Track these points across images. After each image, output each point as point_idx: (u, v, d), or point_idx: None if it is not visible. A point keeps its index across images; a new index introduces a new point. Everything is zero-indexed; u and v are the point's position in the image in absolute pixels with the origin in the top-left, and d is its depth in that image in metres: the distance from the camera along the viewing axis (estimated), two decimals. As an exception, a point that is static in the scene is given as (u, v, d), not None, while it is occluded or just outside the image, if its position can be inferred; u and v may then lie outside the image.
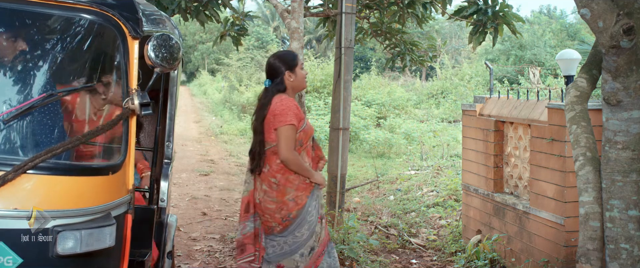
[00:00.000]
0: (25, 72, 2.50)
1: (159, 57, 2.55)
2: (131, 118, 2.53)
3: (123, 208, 2.50)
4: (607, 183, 3.04)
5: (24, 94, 2.45)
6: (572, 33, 27.56)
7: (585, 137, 3.31)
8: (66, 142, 2.31)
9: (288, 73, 3.64)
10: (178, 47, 2.61)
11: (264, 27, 32.23)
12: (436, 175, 9.83)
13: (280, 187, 3.59)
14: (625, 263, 2.97)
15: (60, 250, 2.23)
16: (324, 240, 3.79)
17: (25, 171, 2.21)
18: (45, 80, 2.51)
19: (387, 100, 19.15)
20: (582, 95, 3.51)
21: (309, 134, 3.68)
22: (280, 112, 3.53)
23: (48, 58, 2.53)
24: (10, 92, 2.45)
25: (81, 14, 2.53)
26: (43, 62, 2.52)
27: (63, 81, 2.56)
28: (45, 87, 2.48)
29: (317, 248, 3.73)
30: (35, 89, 2.47)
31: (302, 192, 3.63)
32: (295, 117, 3.54)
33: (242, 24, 7.81)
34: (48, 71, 2.52)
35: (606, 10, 2.78)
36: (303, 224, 3.64)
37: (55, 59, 2.56)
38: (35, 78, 2.50)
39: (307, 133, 3.66)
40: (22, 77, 2.49)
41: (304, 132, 3.62)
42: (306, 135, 3.65)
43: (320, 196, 3.78)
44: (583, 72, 3.61)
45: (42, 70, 2.52)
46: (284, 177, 3.58)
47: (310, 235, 3.67)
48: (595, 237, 3.07)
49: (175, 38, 2.63)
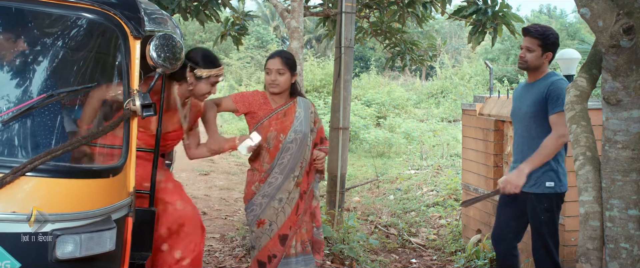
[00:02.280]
0: (24, 72, 2.45)
1: (161, 58, 2.50)
2: (132, 119, 2.47)
3: (124, 211, 2.46)
4: (607, 183, 3.04)
5: (23, 94, 2.41)
6: (572, 32, 27.57)
7: (585, 136, 3.30)
8: (66, 143, 2.26)
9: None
10: (180, 47, 2.57)
11: (264, 26, 32.20)
12: (436, 175, 9.84)
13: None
14: (625, 263, 2.96)
15: (59, 255, 2.18)
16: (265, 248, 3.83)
17: (24, 173, 2.16)
18: (44, 80, 2.46)
19: (387, 100, 19.15)
20: (582, 94, 3.50)
21: (263, 134, 3.75)
22: (238, 93, 3.89)
23: (48, 58, 2.48)
24: (10, 92, 2.40)
25: (82, 13, 2.48)
26: (43, 62, 2.47)
27: (63, 81, 2.50)
28: (44, 87, 2.42)
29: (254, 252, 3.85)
30: (34, 89, 2.42)
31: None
32: (241, 99, 3.83)
33: (242, 24, 7.81)
34: (48, 71, 2.47)
35: (606, 9, 2.77)
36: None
37: (55, 59, 2.50)
38: (34, 78, 2.45)
39: (261, 132, 3.75)
40: (22, 77, 2.45)
41: (258, 131, 3.76)
42: (261, 134, 3.73)
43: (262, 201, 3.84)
44: (583, 71, 3.60)
45: (42, 70, 2.47)
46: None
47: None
48: (595, 237, 3.06)
49: (177, 38, 2.60)
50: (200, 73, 3.35)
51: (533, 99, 3.82)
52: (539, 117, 3.78)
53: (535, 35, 3.80)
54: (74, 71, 2.54)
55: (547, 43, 3.81)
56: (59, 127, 2.42)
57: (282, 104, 3.82)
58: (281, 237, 3.83)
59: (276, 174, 3.78)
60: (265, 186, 3.79)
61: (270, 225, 3.80)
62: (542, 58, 3.83)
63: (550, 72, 3.89)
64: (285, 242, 3.84)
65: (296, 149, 3.79)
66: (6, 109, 2.34)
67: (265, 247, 3.81)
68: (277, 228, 3.81)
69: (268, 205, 3.79)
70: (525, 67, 3.87)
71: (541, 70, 3.87)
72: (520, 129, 3.94)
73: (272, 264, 3.82)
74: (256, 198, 3.81)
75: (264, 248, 3.81)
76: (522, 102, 3.93)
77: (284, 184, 3.79)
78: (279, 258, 3.84)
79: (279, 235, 3.82)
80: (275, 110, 3.78)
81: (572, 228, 4.63)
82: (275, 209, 3.80)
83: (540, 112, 3.77)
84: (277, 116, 3.78)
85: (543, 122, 3.76)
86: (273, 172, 3.78)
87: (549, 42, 3.81)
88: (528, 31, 3.84)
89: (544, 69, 3.88)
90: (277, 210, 3.80)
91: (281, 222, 3.82)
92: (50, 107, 2.39)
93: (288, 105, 3.83)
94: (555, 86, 3.74)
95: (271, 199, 3.80)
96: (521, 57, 3.88)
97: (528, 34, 3.83)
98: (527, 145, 3.86)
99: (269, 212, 3.80)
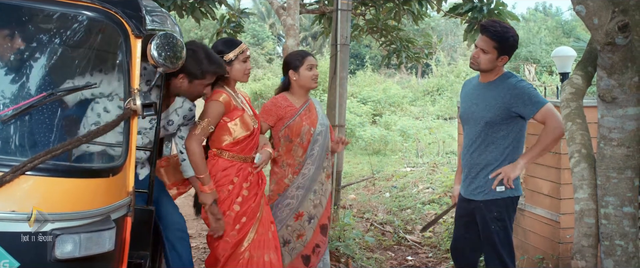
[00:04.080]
0: (24, 70, 2.43)
1: (163, 57, 2.49)
2: (132, 119, 2.45)
3: (123, 211, 2.44)
4: (602, 180, 3.05)
5: (22, 92, 2.38)
6: (567, 30, 27.64)
7: (581, 134, 3.31)
8: (66, 142, 2.23)
9: (292, 72, 3.95)
10: (181, 46, 2.55)
11: (259, 24, 32.13)
12: (432, 172, 9.86)
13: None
14: (619, 260, 2.98)
15: (58, 254, 2.16)
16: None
17: (23, 172, 2.14)
18: (44, 78, 2.43)
19: (382, 97, 19.16)
20: (578, 92, 3.51)
21: (295, 131, 3.88)
22: (262, 110, 3.96)
23: (48, 56, 2.44)
24: (9, 90, 2.38)
25: (83, 11, 2.45)
26: (43, 60, 2.43)
27: (63, 80, 2.48)
28: (44, 85, 2.40)
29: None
30: (34, 88, 2.40)
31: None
32: (268, 114, 3.91)
33: (238, 21, 7.80)
34: (48, 70, 2.45)
35: (601, 7, 2.78)
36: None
37: (55, 57, 2.47)
38: (34, 76, 2.43)
39: (293, 129, 3.88)
40: (21, 76, 2.42)
41: (288, 128, 3.88)
42: (292, 131, 3.88)
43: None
44: (578, 69, 3.62)
45: (42, 69, 2.44)
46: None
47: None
48: (590, 234, 3.08)
49: (178, 37, 2.58)
50: (229, 56, 3.58)
51: (492, 103, 3.51)
52: (496, 123, 3.49)
53: (492, 35, 3.45)
54: (74, 70, 2.52)
55: (504, 46, 3.47)
56: (58, 126, 2.39)
57: (305, 102, 4.01)
58: (322, 227, 4.05)
59: (309, 165, 3.95)
60: (299, 177, 3.93)
61: (312, 219, 3.97)
62: (497, 61, 3.51)
63: (506, 73, 3.58)
64: (326, 232, 4.07)
65: (322, 140, 3.99)
66: (6, 107, 2.32)
67: (311, 240, 3.98)
68: (318, 220, 4.01)
69: (304, 197, 3.94)
70: (477, 69, 3.56)
71: (495, 72, 3.57)
72: (472, 134, 3.60)
73: (317, 254, 4.01)
74: (290, 190, 3.93)
75: (310, 242, 3.98)
76: (476, 104, 3.60)
77: (316, 175, 3.97)
78: (323, 249, 4.05)
79: (320, 226, 4.03)
80: (301, 108, 3.97)
81: (567, 226, 4.65)
82: (312, 201, 3.97)
83: (499, 117, 3.48)
84: (305, 112, 3.97)
85: (501, 127, 3.50)
86: (306, 164, 3.94)
87: (507, 45, 3.47)
88: (485, 29, 3.47)
89: (498, 70, 3.57)
90: (314, 203, 3.97)
91: (320, 213, 4.02)
92: (50, 106, 2.37)
93: (308, 102, 4.03)
94: (518, 89, 3.46)
95: (307, 191, 3.95)
96: (474, 57, 3.53)
97: (484, 32, 3.47)
98: (479, 152, 3.57)
99: (307, 204, 3.96)
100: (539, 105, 3.46)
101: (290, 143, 3.90)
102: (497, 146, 3.53)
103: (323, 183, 4.01)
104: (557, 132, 3.47)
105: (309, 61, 3.93)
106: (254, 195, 3.64)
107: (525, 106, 3.46)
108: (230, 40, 3.63)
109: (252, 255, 3.60)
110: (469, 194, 3.64)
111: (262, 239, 3.64)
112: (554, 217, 4.78)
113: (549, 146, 3.49)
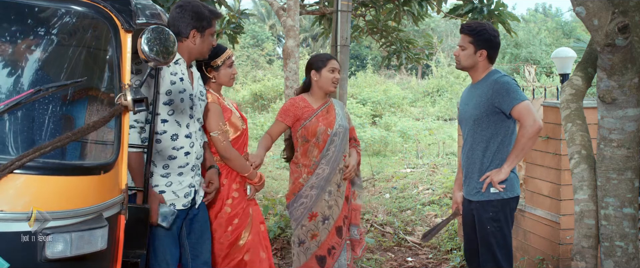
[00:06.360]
0: (11, 66, 2.38)
1: (154, 51, 2.43)
2: (124, 115, 2.40)
3: (116, 209, 2.40)
4: (602, 181, 3.04)
5: (9, 89, 2.33)
6: (567, 31, 27.65)
7: (581, 135, 3.30)
8: (55, 139, 2.17)
9: (314, 72, 4.02)
10: (173, 40, 2.49)
11: (259, 25, 32.14)
12: (432, 173, 9.85)
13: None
14: (619, 261, 2.96)
15: (49, 254, 2.10)
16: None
17: (12, 170, 2.08)
18: (32, 74, 2.38)
19: (382, 98, 19.17)
20: (578, 93, 3.50)
21: (311, 131, 3.94)
22: (280, 111, 4.04)
23: (36, 52, 2.38)
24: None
25: (71, 5, 2.40)
26: (30, 56, 2.37)
27: (51, 76, 2.43)
28: (32, 81, 2.35)
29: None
30: (21, 84, 2.34)
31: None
32: (286, 115, 3.99)
33: (237, 22, 7.78)
34: (36, 65, 2.40)
35: (601, 8, 2.77)
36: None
37: (43, 53, 2.42)
38: (21, 73, 2.38)
39: (309, 130, 3.95)
40: (8, 71, 2.37)
41: (304, 129, 3.96)
42: (308, 132, 3.95)
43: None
44: (578, 70, 3.60)
45: (30, 64, 2.39)
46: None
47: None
48: (590, 235, 3.06)
49: (170, 31, 2.53)
50: (216, 62, 3.65)
51: (478, 101, 3.57)
52: (482, 120, 3.53)
53: (467, 32, 3.60)
54: (63, 65, 2.47)
55: (479, 39, 3.56)
56: (47, 123, 2.35)
57: (323, 103, 4.05)
58: (337, 228, 4.03)
59: (323, 165, 3.97)
60: (313, 177, 3.96)
61: (326, 220, 3.97)
62: (476, 56, 3.58)
63: (493, 70, 3.63)
64: (342, 234, 4.06)
65: (340, 142, 4.01)
66: (-9, 104, 2.26)
67: (325, 241, 3.99)
68: (333, 221, 4.00)
69: (318, 197, 3.96)
70: (461, 67, 3.67)
71: (481, 70, 3.62)
72: (465, 134, 3.69)
73: (332, 256, 4.01)
74: (304, 190, 3.97)
75: (324, 243, 3.99)
76: (467, 104, 3.68)
77: (331, 175, 3.97)
78: (338, 250, 4.04)
79: (335, 228, 4.01)
80: (319, 109, 4.02)
81: (567, 227, 4.63)
82: (327, 202, 3.97)
83: (484, 114, 3.52)
84: (322, 113, 4.02)
85: (487, 125, 3.52)
86: (320, 164, 3.97)
87: (481, 38, 3.56)
88: (461, 29, 3.66)
89: (483, 68, 3.62)
90: (329, 203, 3.97)
91: (336, 215, 4.01)
92: (38, 102, 2.31)
93: (327, 104, 4.07)
94: (499, 83, 3.50)
95: (321, 191, 3.96)
96: (455, 55, 3.69)
97: (461, 31, 3.65)
98: (472, 152, 3.60)
99: (321, 205, 3.96)
100: (515, 101, 3.43)
101: (306, 144, 3.97)
102: (487, 145, 3.53)
103: (339, 185, 4.02)
104: (532, 130, 3.41)
105: (332, 64, 4.01)
106: (244, 197, 3.69)
107: (503, 99, 3.45)
108: (217, 46, 3.65)
109: (248, 254, 3.65)
110: (468, 195, 3.65)
111: (256, 239, 3.69)
112: (554, 218, 4.76)
113: (526, 145, 3.44)
